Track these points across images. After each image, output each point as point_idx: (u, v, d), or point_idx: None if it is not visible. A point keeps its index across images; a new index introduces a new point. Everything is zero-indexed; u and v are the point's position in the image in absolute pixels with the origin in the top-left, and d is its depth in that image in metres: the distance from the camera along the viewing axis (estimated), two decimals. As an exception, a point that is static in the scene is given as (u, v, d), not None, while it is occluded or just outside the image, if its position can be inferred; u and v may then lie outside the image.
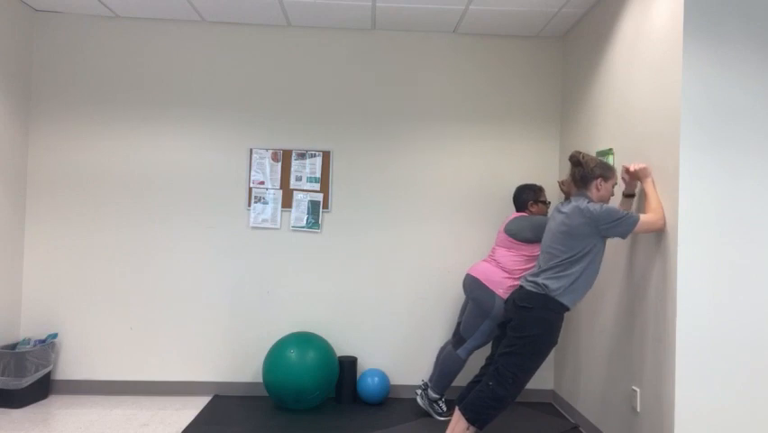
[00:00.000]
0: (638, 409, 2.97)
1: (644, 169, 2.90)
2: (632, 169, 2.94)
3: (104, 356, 4.18)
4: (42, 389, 3.97)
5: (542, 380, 4.31)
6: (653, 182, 2.88)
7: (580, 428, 3.70)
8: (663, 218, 2.77)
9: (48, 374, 3.99)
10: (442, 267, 4.30)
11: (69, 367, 4.16)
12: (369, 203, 4.31)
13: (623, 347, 3.19)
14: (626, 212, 2.80)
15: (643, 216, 2.78)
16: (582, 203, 2.87)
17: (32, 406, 3.87)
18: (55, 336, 4.12)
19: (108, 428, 3.51)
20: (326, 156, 4.29)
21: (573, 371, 3.92)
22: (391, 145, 4.32)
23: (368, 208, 4.31)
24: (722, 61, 2.66)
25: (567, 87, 4.25)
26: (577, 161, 2.98)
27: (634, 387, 3.03)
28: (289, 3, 3.86)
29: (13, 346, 3.96)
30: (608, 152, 3.43)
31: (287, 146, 4.29)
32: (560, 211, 2.99)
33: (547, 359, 4.29)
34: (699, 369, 2.63)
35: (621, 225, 2.79)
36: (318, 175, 4.28)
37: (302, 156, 4.28)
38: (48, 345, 3.97)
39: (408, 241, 4.31)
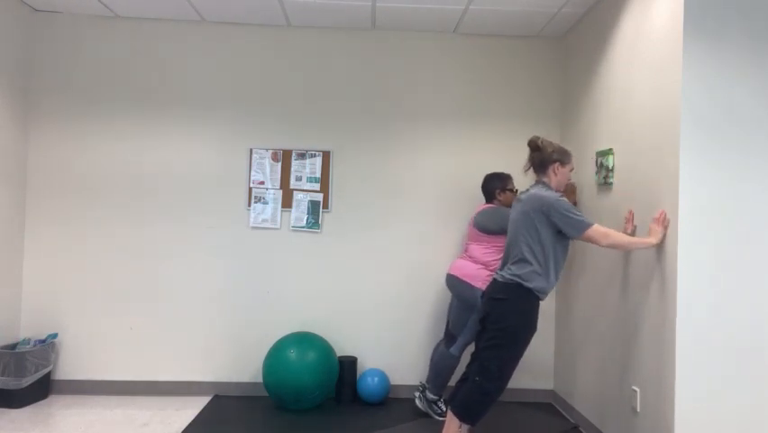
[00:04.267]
0: (638, 410, 2.97)
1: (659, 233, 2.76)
2: (630, 229, 3.00)
3: (104, 356, 4.18)
4: (42, 389, 3.97)
5: (542, 380, 4.31)
6: (652, 239, 2.76)
7: (580, 428, 3.70)
8: (618, 245, 2.81)
9: (48, 374, 3.99)
10: (442, 267, 4.30)
11: (69, 367, 4.16)
12: (369, 203, 4.31)
13: (623, 347, 3.19)
14: (581, 215, 2.83)
15: (598, 226, 2.81)
16: (540, 190, 2.91)
17: (31, 406, 3.87)
18: (55, 336, 4.12)
19: (108, 428, 3.51)
20: (326, 156, 4.28)
21: (573, 371, 3.92)
22: (391, 145, 4.32)
23: (368, 208, 4.31)
24: (722, 61, 2.66)
25: (567, 87, 4.25)
26: (535, 146, 3.02)
27: (634, 387, 3.03)
28: (289, 3, 3.86)
29: (13, 346, 3.95)
30: (608, 151, 3.43)
31: (287, 146, 4.29)
32: (518, 200, 3.03)
33: (547, 359, 4.30)
34: (699, 369, 2.63)
35: (571, 222, 2.82)
36: (318, 175, 4.28)
37: (302, 156, 4.28)
38: (48, 345, 3.97)
39: (408, 241, 4.31)
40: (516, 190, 3.89)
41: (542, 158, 2.99)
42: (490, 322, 2.96)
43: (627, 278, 3.17)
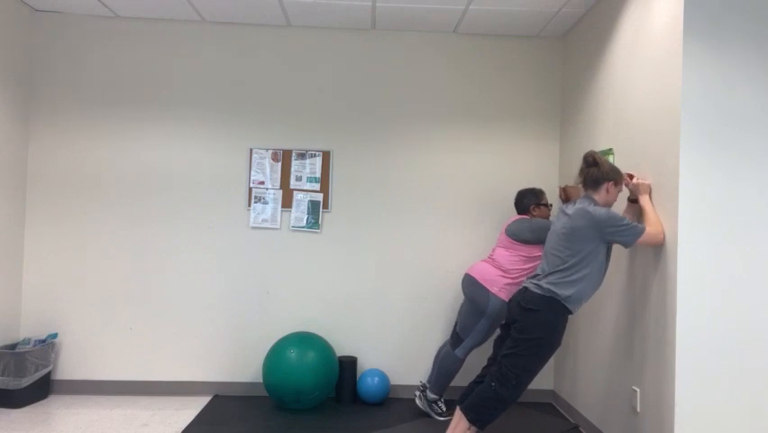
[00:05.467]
0: (638, 410, 2.97)
1: (645, 185, 2.91)
2: (633, 182, 2.96)
3: (104, 356, 4.18)
4: (42, 389, 3.97)
5: (542, 380, 4.31)
6: (650, 199, 2.89)
7: (580, 428, 3.70)
8: (664, 233, 2.78)
9: (48, 374, 3.99)
10: (441, 267, 4.30)
11: (69, 367, 4.16)
12: (369, 203, 4.31)
13: (623, 347, 3.19)
14: (632, 222, 2.81)
15: (648, 228, 2.79)
16: (589, 206, 2.87)
17: (31, 406, 3.87)
18: (55, 336, 4.12)
19: (108, 428, 3.51)
20: (326, 156, 4.29)
21: (573, 371, 3.92)
22: (391, 145, 4.33)
23: (368, 208, 4.31)
24: (722, 62, 2.66)
25: (567, 87, 4.25)
26: (593, 161, 2.97)
27: (634, 387, 3.03)
28: (289, 3, 3.87)
29: (13, 346, 3.96)
30: (608, 152, 3.43)
31: (287, 146, 4.29)
32: (564, 213, 2.98)
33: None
34: (699, 369, 2.63)
35: (626, 232, 2.79)
36: (318, 175, 4.28)
37: (302, 156, 4.28)
38: (48, 345, 3.97)
39: (408, 241, 4.31)
40: (551, 205, 3.87)
41: (598, 174, 2.94)
42: (516, 330, 2.92)
43: (628, 278, 3.17)
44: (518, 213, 3.87)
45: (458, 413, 3.01)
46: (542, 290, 2.89)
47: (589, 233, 2.82)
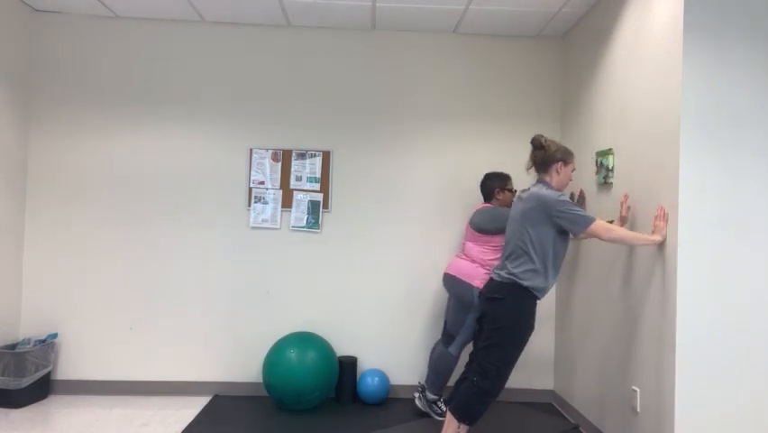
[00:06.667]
0: (638, 410, 2.97)
1: (662, 228, 2.72)
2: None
3: (104, 356, 4.18)
4: (42, 389, 3.97)
5: (542, 380, 4.31)
6: (657, 237, 2.74)
7: (580, 428, 3.70)
8: (620, 238, 2.77)
9: (48, 374, 3.99)
10: (441, 267, 4.30)
11: (69, 367, 4.16)
12: (369, 203, 4.31)
13: (623, 347, 3.19)
14: (582, 211, 2.83)
15: (600, 222, 2.80)
16: (540, 189, 2.92)
17: (31, 406, 3.87)
18: (55, 336, 4.12)
19: (108, 428, 3.51)
20: (326, 156, 4.28)
21: (573, 371, 3.92)
22: (391, 145, 4.32)
23: (368, 208, 4.31)
24: (722, 61, 2.66)
25: (567, 87, 4.25)
26: (539, 144, 3.02)
27: (634, 387, 3.03)
28: (289, 3, 3.86)
29: (13, 346, 3.95)
30: (608, 151, 3.43)
31: (287, 146, 4.29)
32: (520, 198, 3.03)
33: (547, 359, 4.30)
34: (699, 369, 2.63)
35: (574, 219, 2.81)
36: (318, 175, 4.28)
37: (302, 156, 4.28)
38: (48, 345, 3.97)
39: (408, 241, 4.31)
40: (515, 190, 3.90)
41: (545, 156, 3.00)
42: (487, 322, 2.97)
43: (627, 278, 3.17)
44: (483, 196, 3.91)
45: (449, 415, 3.02)
46: (502, 278, 2.95)
47: (540, 216, 2.86)
